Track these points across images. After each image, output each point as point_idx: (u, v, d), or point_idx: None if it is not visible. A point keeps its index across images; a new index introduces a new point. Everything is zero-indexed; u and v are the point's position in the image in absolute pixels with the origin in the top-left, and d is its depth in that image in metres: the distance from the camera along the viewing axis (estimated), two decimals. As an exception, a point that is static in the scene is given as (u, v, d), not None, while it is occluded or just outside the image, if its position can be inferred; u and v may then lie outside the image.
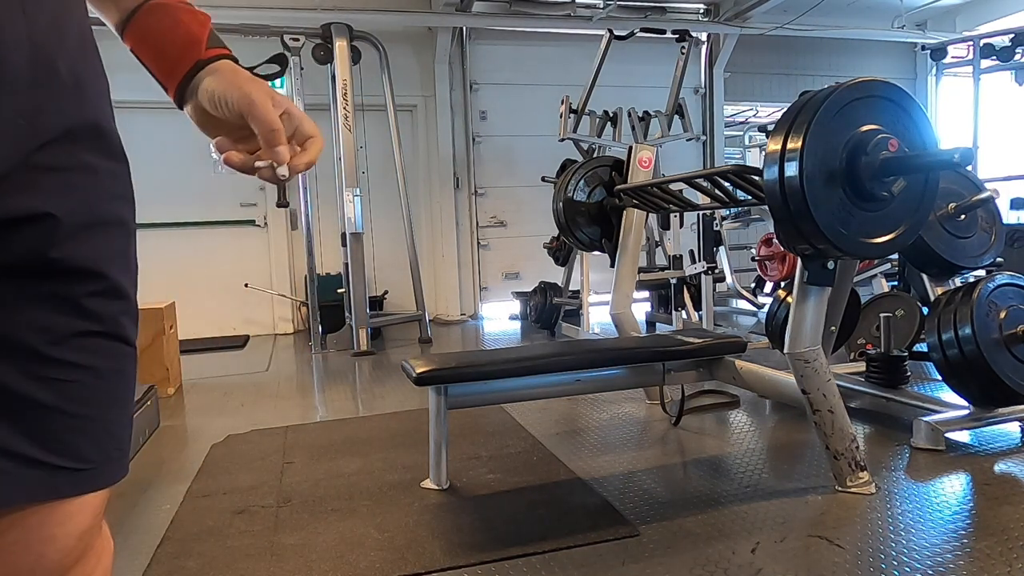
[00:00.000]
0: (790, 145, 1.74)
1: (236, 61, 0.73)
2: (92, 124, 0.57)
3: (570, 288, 5.70)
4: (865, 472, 2.02)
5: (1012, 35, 6.03)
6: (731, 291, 5.19)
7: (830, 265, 1.94)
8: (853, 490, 2.00)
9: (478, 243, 6.93)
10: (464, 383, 2.20)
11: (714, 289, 4.70)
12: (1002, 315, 2.32)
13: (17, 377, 0.51)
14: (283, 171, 0.71)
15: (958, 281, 2.70)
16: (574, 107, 5.42)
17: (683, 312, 4.79)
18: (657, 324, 5.38)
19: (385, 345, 5.41)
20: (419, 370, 2.10)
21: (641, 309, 5.48)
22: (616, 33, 5.46)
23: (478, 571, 1.66)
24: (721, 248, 4.73)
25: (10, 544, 0.53)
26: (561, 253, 5.66)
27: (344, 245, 5.23)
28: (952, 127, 7.47)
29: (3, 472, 0.51)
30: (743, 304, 5.51)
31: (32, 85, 0.50)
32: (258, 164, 0.72)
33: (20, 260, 0.50)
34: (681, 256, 4.80)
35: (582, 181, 3.07)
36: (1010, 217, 5.25)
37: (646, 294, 5.64)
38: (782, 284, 4.09)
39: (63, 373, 0.53)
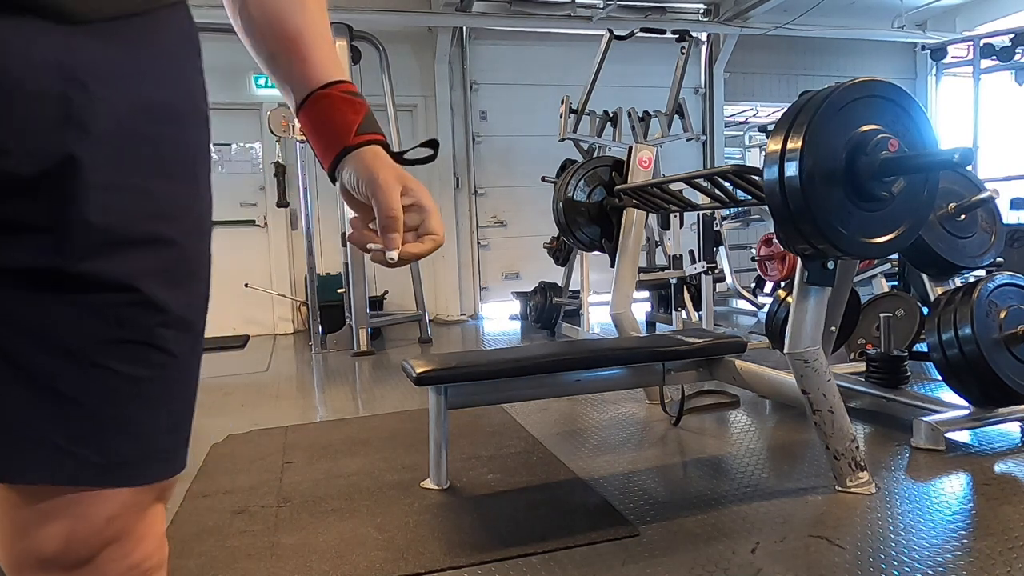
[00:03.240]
0: (790, 145, 1.74)
1: (387, 147, 0.79)
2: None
3: (570, 288, 5.70)
4: (865, 472, 2.02)
5: (1012, 35, 6.02)
6: (731, 291, 5.20)
7: (830, 265, 1.94)
8: (853, 490, 2.00)
9: (478, 243, 6.93)
10: (464, 383, 2.20)
11: (714, 289, 4.70)
12: (1002, 315, 2.32)
13: (56, 373, 0.56)
14: (391, 256, 0.75)
15: (958, 281, 2.70)
16: (574, 107, 5.42)
17: (683, 312, 4.79)
18: (657, 324, 5.38)
19: (385, 345, 5.41)
20: (419, 370, 2.10)
21: (641, 309, 5.48)
22: (616, 33, 5.45)
23: (478, 571, 1.66)
24: (721, 248, 4.73)
25: (47, 512, 0.60)
26: (561, 253, 5.66)
27: (344, 245, 5.23)
28: (952, 127, 7.47)
29: (34, 452, 0.57)
30: (743, 304, 5.51)
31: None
32: (370, 246, 0.76)
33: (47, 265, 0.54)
34: (681, 256, 4.80)
35: (582, 181, 3.07)
36: (1010, 217, 5.25)
37: (646, 294, 5.64)
38: (782, 284, 4.09)
39: (94, 374, 0.58)
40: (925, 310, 2.91)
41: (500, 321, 6.61)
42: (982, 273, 2.61)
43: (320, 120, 0.78)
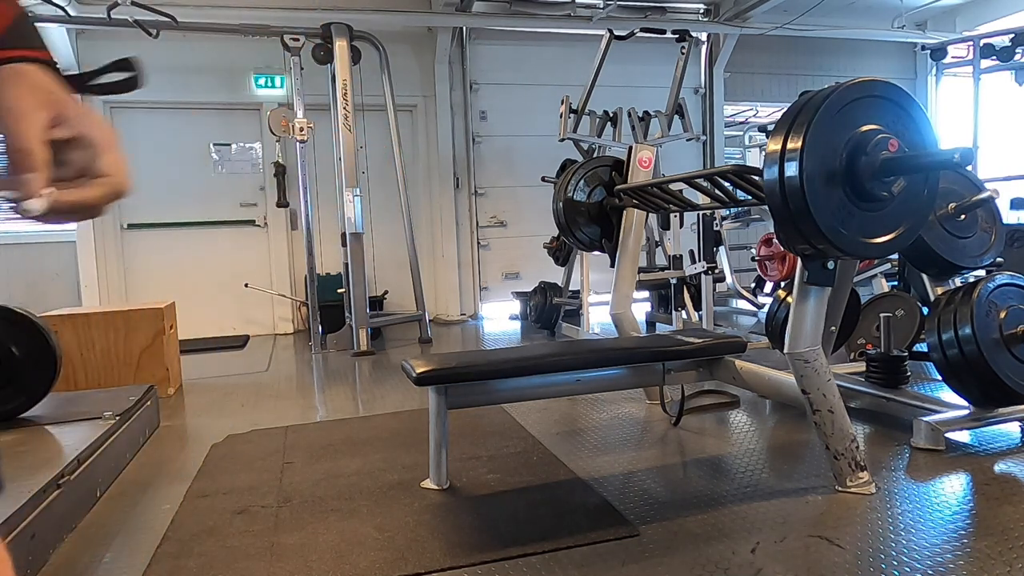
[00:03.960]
0: (790, 145, 1.74)
1: (46, 62, 0.61)
2: None
3: (570, 288, 5.70)
4: (865, 472, 2.02)
5: (1012, 35, 6.03)
6: (731, 291, 5.19)
7: (830, 265, 1.94)
8: (853, 490, 2.00)
9: (478, 243, 6.93)
10: (464, 383, 2.20)
11: (714, 289, 4.70)
12: (1002, 315, 2.32)
13: None
14: (32, 204, 0.56)
15: (958, 281, 2.70)
16: (574, 107, 5.42)
17: (683, 312, 4.79)
18: (657, 324, 5.38)
19: (385, 345, 5.41)
20: (419, 370, 2.10)
21: (641, 309, 5.48)
22: (616, 33, 5.45)
23: (478, 571, 1.66)
24: (721, 248, 4.73)
25: None
26: (561, 253, 5.66)
27: (344, 245, 5.23)
28: (952, 127, 7.47)
29: None
30: (743, 304, 5.51)
31: None
32: (2, 194, 0.57)
33: None
34: (681, 256, 4.80)
35: (582, 181, 3.07)
36: (1010, 217, 5.25)
37: (646, 294, 5.64)
38: (782, 284, 4.09)
39: None
40: (925, 310, 2.91)
41: (500, 321, 6.61)
42: (982, 273, 2.60)
43: None
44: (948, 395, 2.56)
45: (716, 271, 4.55)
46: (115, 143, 0.62)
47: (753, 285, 5.34)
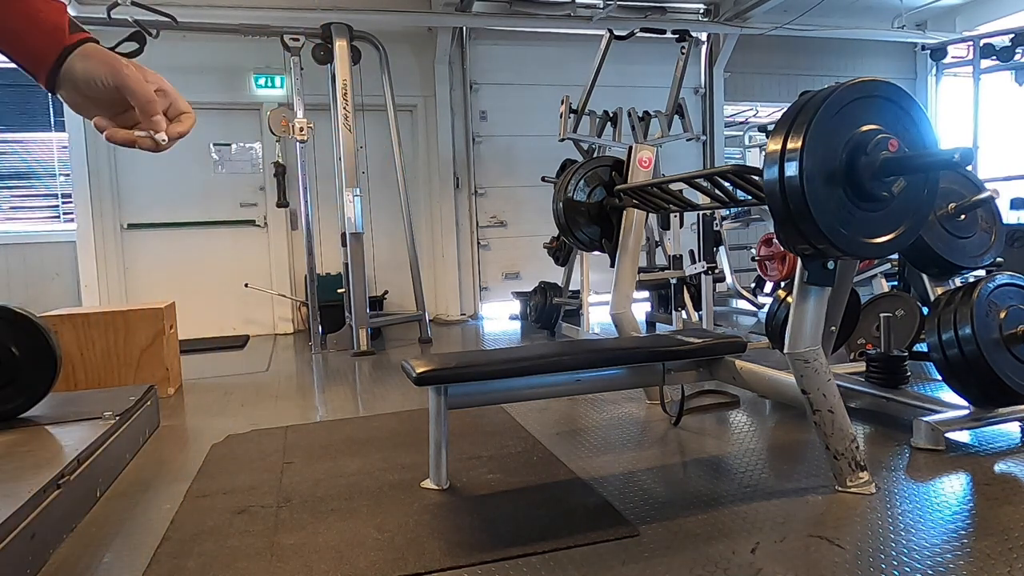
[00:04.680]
0: (790, 145, 1.74)
1: (98, 43, 0.77)
2: None
3: (570, 288, 5.70)
4: (865, 472, 2.02)
5: (1012, 35, 6.03)
6: (731, 291, 5.19)
7: (830, 265, 1.94)
8: (853, 490, 2.00)
9: (478, 243, 6.93)
10: (464, 383, 2.20)
11: (714, 289, 4.70)
12: (1002, 315, 2.32)
13: None
14: (162, 137, 0.78)
15: (958, 281, 2.70)
16: (574, 107, 5.42)
17: (683, 312, 4.79)
18: (657, 324, 5.38)
19: (385, 345, 5.41)
20: (419, 370, 2.10)
21: (641, 309, 5.48)
22: (616, 33, 5.45)
23: (478, 571, 1.66)
24: (721, 248, 4.73)
25: None
26: (561, 253, 5.66)
27: (344, 245, 5.23)
28: (952, 127, 7.47)
29: None
30: (743, 304, 5.51)
31: None
32: (138, 134, 0.78)
33: None
34: (681, 256, 4.80)
35: (582, 181, 3.07)
36: (1010, 217, 5.25)
37: (646, 294, 5.64)
38: (782, 284, 4.09)
39: None
40: (925, 310, 2.90)
41: (500, 321, 6.61)
42: (982, 273, 2.60)
43: (18, 24, 0.72)
44: (948, 395, 2.56)
45: (716, 271, 4.55)
46: (175, 90, 0.82)
47: (753, 285, 5.34)
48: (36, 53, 0.74)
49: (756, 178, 2.11)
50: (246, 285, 6.16)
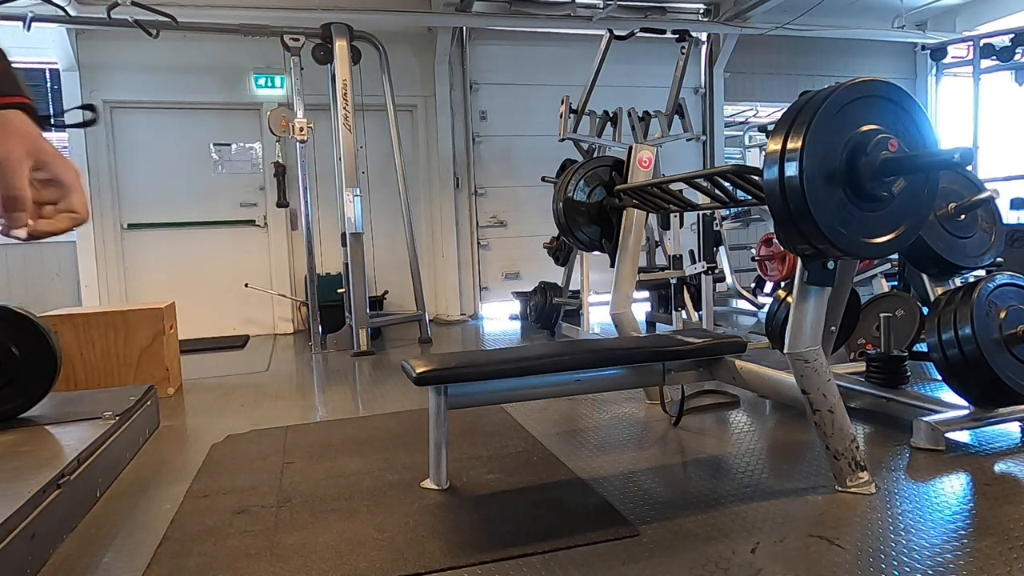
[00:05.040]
0: (790, 145, 1.74)
1: (28, 109, 0.72)
2: None
3: (570, 288, 5.70)
4: (865, 472, 2.02)
5: (1012, 35, 6.03)
6: (731, 291, 5.19)
7: (830, 265, 1.94)
8: (853, 490, 2.00)
9: (478, 243, 6.93)
10: (464, 383, 2.20)
11: (714, 289, 4.70)
12: (1002, 315, 2.32)
13: None
14: (18, 233, 0.72)
15: (958, 281, 2.70)
16: (574, 107, 5.42)
17: (683, 312, 4.79)
18: (657, 324, 5.38)
19: (385, 345, 5.41)
20: (419, 370, 2.10)
21: (641, 309, 5.48)
22: (616, 33, 5.46)
23: (478, 571, 1.66)
24: (721, 248, 4.73)
25: None
26: (561, 253, 5.66)
27: (344, 245, 5.23)
28: (952, 127, 7.47)
29: None
30: (743, 304, 5.51)
31: None
32: None
33: None
34: (681, 256, 4.80)
35: (582, 181, 3.07)
36: (1010, 217, 5.25)
37: (646, 294, 5.64)
38: (782, 284, 4.09)
39: None
40: (925, 310, 2.90)
41: (500, 321, 6.61)
42: (982, 273, 2.60)
43: None
44: (948, 395, 2.56)
45: (716, 271, 4.55)
46: (79, 184, 0.76)
47: (753, 285, 5.34)
48: None
49: (756, 178, 2.11)
50: (246, 285, 6.16)
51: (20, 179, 0.70)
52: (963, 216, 2.64)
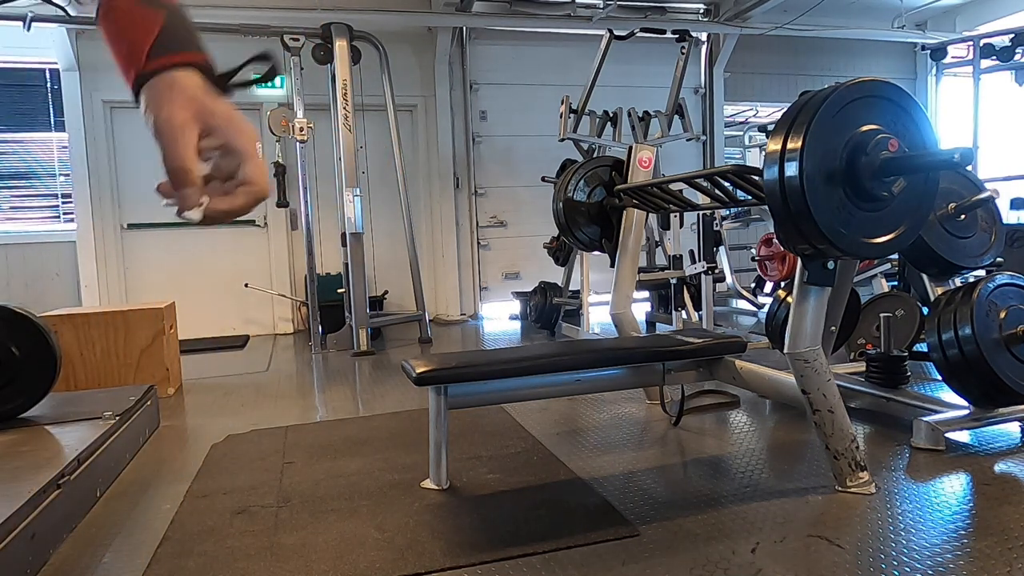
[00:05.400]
0: (790, 145, 1.74)
1: (202, 67, 0.64)
2: None
3: (570, 288, 5.70)
4: (865, 472, 2.02)
5: (1012, 35, 6.03)
6: (731, 291, 5.19)
7: (830, 265, 1.94)
8: (853, 490, 2.00)
9: (478, 243, 6.93)
10: (464, 383, 2.20)
11: (714, 289, 4.70)
12: (1002, 315, 2.32)
13: None
14: (191, 215, 0.61)
15: (958, 281, 2.70)
16: (574, 107, 5.42)
17: (683, 312, 4.79)
18: (657, 324, 5.38)
19: (385, 345, 5.41)
20: (419, 370, 2.10)
21: (641, 309, 5.48)
22: (616, 33, 5.45)
23: (478, 571, 1.66)
24: (721, 248, 4.73)
25: None
26: (561, 253, 5.66)
27: (344, 245, 5.23)
28: (952, 127, 7.47)
29: None
30: (743, 304, 5.51)
31: None
32: (166, 203, 0.62)
33: None
34: (681, 256, 4.80)
35: (582, 181, 3.07)
36: (1010, 217, 5.25)
37: (646, 294, 5.64)
38: (782, 284, 4.09)
39: None
40: (925, 310, 2.90)
41: (500, 321, 6.61)
42: (982, 273, 2.60)
43: (114, 37, 0.62)
44: (948, 395, 2.56)
45: (716, 271, 4.55)
46: (256, 150, 0.64)
47: (753, 285, 5.34)
48: (124, 73, 0.62)
49: (756, 178, 2.11)
50: (246, 285, 6.16)
51: (183, 147, 0.59)
52: (963, 216, 2.64)
